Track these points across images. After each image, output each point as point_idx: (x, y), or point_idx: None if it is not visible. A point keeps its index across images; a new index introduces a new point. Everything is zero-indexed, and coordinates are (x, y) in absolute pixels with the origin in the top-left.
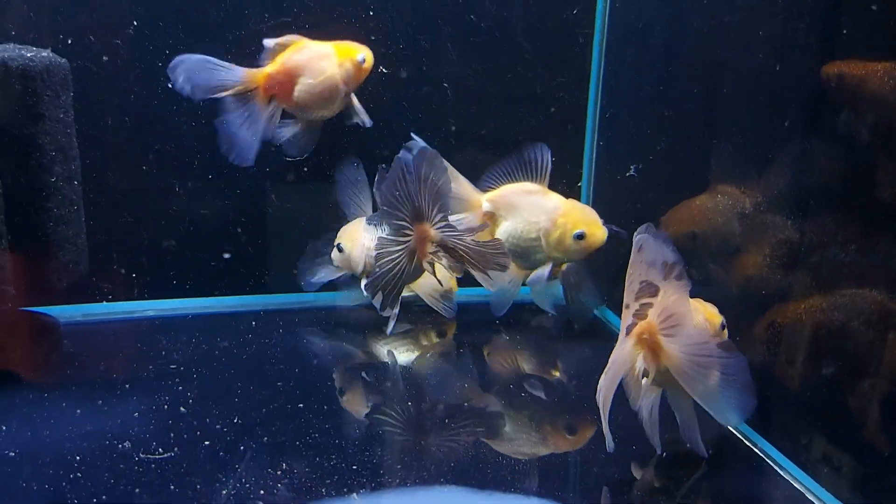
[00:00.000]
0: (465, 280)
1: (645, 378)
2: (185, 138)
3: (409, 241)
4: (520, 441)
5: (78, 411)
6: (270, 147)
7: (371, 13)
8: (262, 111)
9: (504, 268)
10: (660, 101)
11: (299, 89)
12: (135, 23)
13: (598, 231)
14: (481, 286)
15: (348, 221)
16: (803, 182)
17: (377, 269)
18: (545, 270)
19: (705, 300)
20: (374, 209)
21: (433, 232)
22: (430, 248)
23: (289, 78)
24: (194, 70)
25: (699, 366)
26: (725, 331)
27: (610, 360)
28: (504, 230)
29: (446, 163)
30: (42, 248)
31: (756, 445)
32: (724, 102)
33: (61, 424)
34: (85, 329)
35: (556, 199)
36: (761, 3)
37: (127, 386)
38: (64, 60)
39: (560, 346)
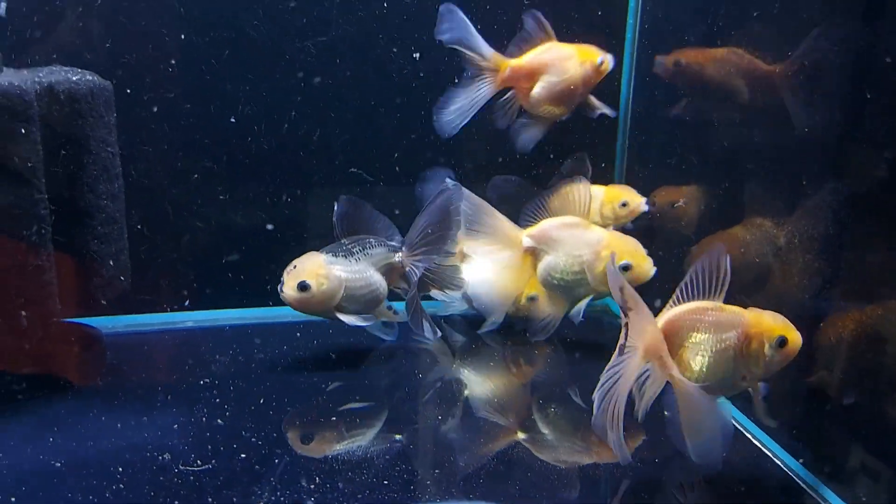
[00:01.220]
0: None
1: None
2: (224, 154)
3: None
4: (553, 454)
5: (120, 423)
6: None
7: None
8: (488, 96)
9: (459, 289)
10: (691, 127)
11: (540, 86)
12: (182, 36)
13: (644, 262)
14: None
15: None
16: (838, 210)
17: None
18: (584, 304)
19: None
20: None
21: (404, 260)
22: (395, 279)
23: (532, 74)
24: (458, 27)
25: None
26: (787, 347)
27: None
28: (546, 265)
29: (482, 203)
30: (86, 264)
31: (790, 469)
32: (757, 131)
33: (104, 435)
34: (126, 340)
35: (598, 232)
36: (796, 24)
37: (168, 397)
38: (108, 82)
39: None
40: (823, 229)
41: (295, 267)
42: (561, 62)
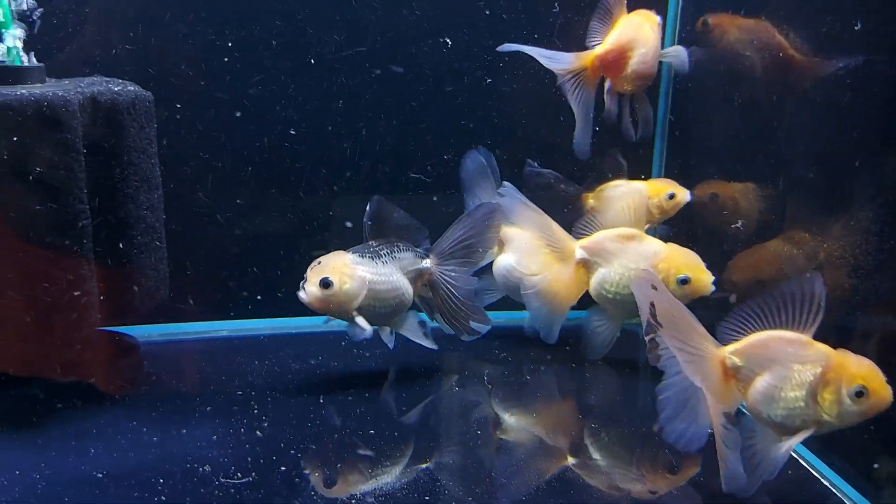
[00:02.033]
0: None
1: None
2: (261, 163)
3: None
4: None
5: (160, 433)
6: None
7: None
8: (593, 94)
9: (473, 334)
10: (729, 139)
11: (635, 62)
12: (229, 44)
13: (703, 275)
14: None
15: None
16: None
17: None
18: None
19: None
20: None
21: (432, 268)
22: (419, 286)
23: (622, 54)
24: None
25: None
26: (865, 400)
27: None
28: (600, 278)
29: (537, 211)
30: (126, 274)
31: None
32: (799, 145)
33: (145, 446)
34: (162, 349)
35: (655, 244)
36: (838, 32)
37: (207, 408)
38: (148, 93)
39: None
40: (869, 245)
41: (319, 263)
42: (640, 31)
